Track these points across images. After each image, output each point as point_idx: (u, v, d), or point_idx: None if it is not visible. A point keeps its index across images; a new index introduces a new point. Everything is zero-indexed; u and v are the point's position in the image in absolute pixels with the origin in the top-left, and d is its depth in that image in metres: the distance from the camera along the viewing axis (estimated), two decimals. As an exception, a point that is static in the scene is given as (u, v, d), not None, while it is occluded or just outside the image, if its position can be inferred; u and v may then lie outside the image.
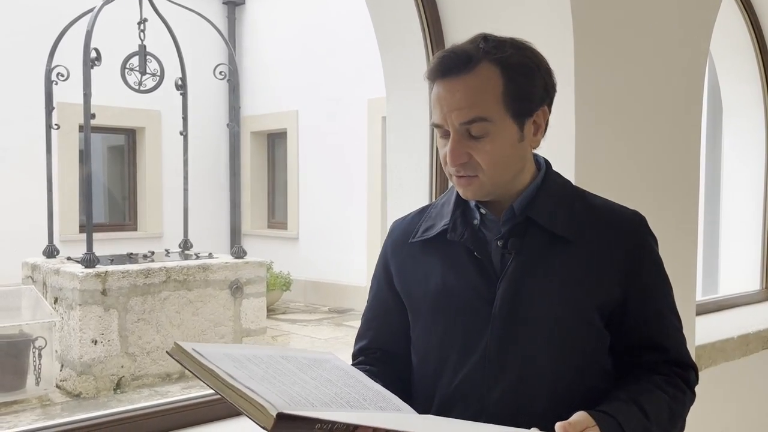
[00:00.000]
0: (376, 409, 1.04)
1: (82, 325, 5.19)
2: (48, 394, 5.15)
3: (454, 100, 1.12)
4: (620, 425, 1.07)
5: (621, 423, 1.07)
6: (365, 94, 8.10)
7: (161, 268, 5.66)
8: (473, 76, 1.12)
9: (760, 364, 3.10)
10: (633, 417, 1.10)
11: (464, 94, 1.11)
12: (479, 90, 1.12)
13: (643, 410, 1.11)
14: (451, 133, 1.13)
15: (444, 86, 1.13)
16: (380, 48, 2.27)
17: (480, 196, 1.18)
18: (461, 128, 1.12)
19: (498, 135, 1.13)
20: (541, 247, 1.17)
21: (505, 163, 1.15)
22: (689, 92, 2.37)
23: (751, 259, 3.64)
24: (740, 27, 3.45)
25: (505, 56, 1.13)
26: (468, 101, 1.11)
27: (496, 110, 1.12)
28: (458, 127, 1.12)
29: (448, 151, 1.14)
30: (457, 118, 1.12)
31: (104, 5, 5.76)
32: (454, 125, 1.12)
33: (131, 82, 6.06)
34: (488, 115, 1.12)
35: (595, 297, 1.17)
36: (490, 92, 1.12)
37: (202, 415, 1.81)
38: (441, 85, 1.13)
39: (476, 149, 1.12)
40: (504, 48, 1.14)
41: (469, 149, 1.13)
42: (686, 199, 2.38)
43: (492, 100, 1.12)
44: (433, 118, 1.16)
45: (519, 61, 1.14)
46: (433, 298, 1.22)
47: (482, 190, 1.16)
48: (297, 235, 9.31)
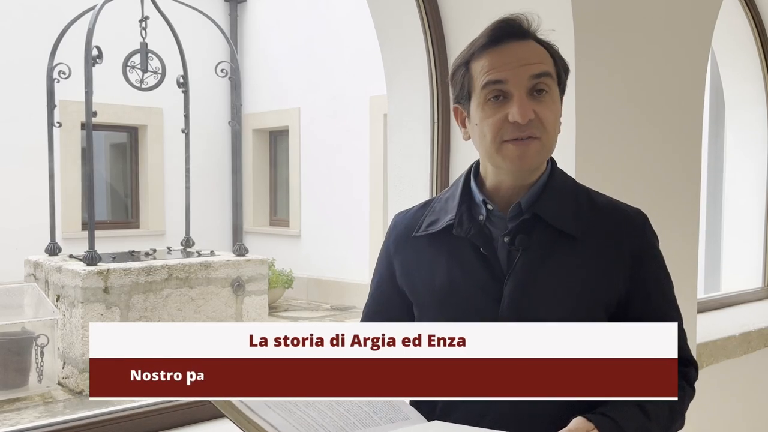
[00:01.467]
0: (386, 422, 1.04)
1: (84, 323, 5.19)
2: (50, 392, 5.16)
3: (523, 56, 1.15)
4: (619, 426, 1.07)
5: (620, 423, 1.07)
6: (367, 91, 8.09)
7: (163, 265, 5.66)
8: (532, 44, 1.17)
9: (761, 362, 3.10)
10: (632, 417, 1.09)
11: (531, 52, 1.16)
12: (541, 52, 1.17)
13: (643, 409, 1.11)
14: (517, 90, 1.13)
15: (506, 48, 1.15)
16: (381, 46, 2.27)
17: (535, 164, 1.17)
18: (530, 83, 1.13)
19: (555, 97, 1.18)
20: (547, 244, 1.17)
21: (556, 130, 1.18)
22: (691, 88, 2.36)
23: (754, 256, 3.64)
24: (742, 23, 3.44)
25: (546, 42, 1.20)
26: (536, 57, 1.15)
27: (553, 75, 1.17)
28: (527, 82, 1.13)
29: (517, 107, 1.12)
30: (526, 71, 1.14)
31: (105, 3, 5.76)
32: (522, 80, 1.13)
33: (133, 80, 6.06)
34: (552, 72, 1.16)
35: (601, 294, 1.17)
36: (546, 57, 1.17)
37: (204, 412, 1.81)
38: (500, 50, 1.15)
39: (541, 107, 1.14)
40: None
41: (534, 107, 1.13)
42: (688, 196, 2.38)
43: (549, 64, 1.17)
44: (491, 77, 1.14)
45: (555, 50, 1.21)
46: (438, 294, 1.21)
47: (539, 156, 1.16)
48: (299, 233, 9.32)
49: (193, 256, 6.26)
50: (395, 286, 1.28)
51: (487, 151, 1.17)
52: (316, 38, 8.84)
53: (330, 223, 8.84)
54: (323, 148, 8.92)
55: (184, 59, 6.37)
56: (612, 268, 1.18)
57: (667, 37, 2.24)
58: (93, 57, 5.55)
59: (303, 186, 9.23)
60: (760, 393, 3.18)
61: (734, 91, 3.67)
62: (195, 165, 7.01)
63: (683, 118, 2.34)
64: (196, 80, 6.90)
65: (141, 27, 5.95)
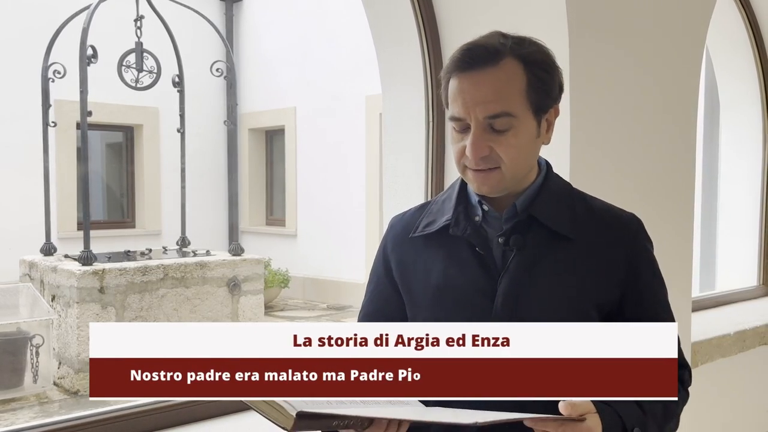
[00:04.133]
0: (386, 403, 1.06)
1: (79, 323, 5.18)
2: (46, 392, 5.15)
3: (480, 93, 1.12)
4: (619, 416, 1.08)
5: (620, 413, 1.09)
6: (363, 90, 8.09)
7: (159, 265, 5.66)
8: (499, 70, 1.12)
9: (756, 360, 3.11)
10: (630, 409, 1.11)
11: (490, 88, 1.11)
12: (505, 84, 1.12)
13: (638, 403, 1.13)
14: (473, 127, 1.12)
15: (468, 79, 1.13)
16: (376, 46, 2.28)
17: (498, 191, 1.18)
18: (485, 122, 1.12)
19: (520, 129, 1.13)
20: (542, 244, 1.18)
21: (524, 158, 1.16)
22: (685, 89, 2.37)
23: (748, 255, 3.65)
24: (737, 24, 3.45)
25: (527, 52, 1.14)
26: (494, 95, 1.11)
27: (519, 105, 1.13)
28: (482, 121, 1.12)
29: (469, 145, 1.13)
30: (482, 111, 1.12)
31: (100, 2, 5.75)
32: (477, 119, 1.12)
33: (128, 80, 6.05)
34: (512, 110, 1.12)
35: (594, 296, 1.18)
36: (515, 87, 1.12)
37: (199, 412, 1.82)
38: (465, 78, 1.13)
39: (498, 142, 1.12)
40: (525, 44, 1.15)
41: (491, 142, 1.13)
42: (682, 196, 2.39)
43: (516, 95, 1.12)
44: (452, 112, 1.15)
45: (540, 58, 1.15)
46: (433, 292, 1.22)
47: (501, 184, 1.16)
48: (295, 232, 9.31)
49: (188, 255, 6.25)
50: (393, 286, 1.29)
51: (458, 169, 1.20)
52: (311, 38, 8.83)
53: (326, 223, 8.84)
54: (319, 148, 8.92)
55: (179, 59, 6.36)
56: (605, 271, 1.19)
57: (661, 39, 2.24)
58: (88, 56, 5.53)
59: (299, 185, 9.23)
60: (755, 391, 3.19)
61: (729, 91, 3.68)
62: (191, 164, 7.00)
63: (678, 119, 2.34)
64: (192, 80, 6.89)
65: (136, 26, 5.94)
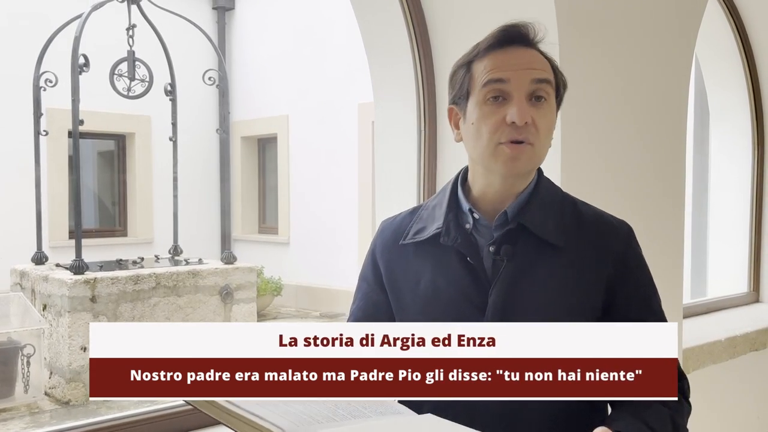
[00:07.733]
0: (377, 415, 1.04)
1: (71, 332, 5.16)
2: (37, 402, 5.11)
3: (526, 60, 1.16)
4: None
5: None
6: (355, 98, 8.10)
7: (151, 274, 5.63)
8: (535, 52, 1.18)
9: (747, 367, 3.12)
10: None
11: (535, 57, 1.17)
12: (543, 61, 1.18)
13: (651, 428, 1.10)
14: (517, 94, 1.14)
15: (511, 51, 1.16)
16: (368, 54, 2.28)
17: (525, 170, 1.18)
18: (530, 87, 1.14)
19: (551, 106, 1.18)
20: (532, 254, 1.17)
21: (549, 140, 1.19)
22: (675, 96, 2.38)
23: (739, 261, 3.66)
24: (726, 33, 3.48)
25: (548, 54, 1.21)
26: (539, 64, 1.17)
27: (553, 85, 1.18)
28: (528, 86, 1.14)
29: (517, 109, 1.13)
30: (530, 74, 1.15)
31: (93, 11, 5.75)
32: (523, 83, 1.14)
33: (120, 88, 6.04)
34: (552, 82, 1.18)
35: (584, 304, 1.17)
36: (548, 66, 1.19)
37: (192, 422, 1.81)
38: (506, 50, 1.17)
39: (536, 114, 1.15)
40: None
41: (531, 113, 1.14)
42: (672, 203, 2.40)
43: (549, 74, 1.18)
44: (493, 75, 1.15)
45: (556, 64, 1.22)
46: (422, 301, 1.21)
47: (531, 163, 1.17)
48: (288, 240, 9.30)
49: (181, 264, 6.23)
50: (383, 292, 1.28)
51: (481, 152, 1.17)
52: (304, 46, 8.85)
53: (319, 231, 8.83)
54: (312, 156, 8.92)
55: (171, 67, 6.36)
56: (595, 279, 1.18)
57: (650, 46, 2.26)
58: (80, 65, 5.53)
59: (292, 193, 9.22)
60: (746, 397, 3.20)
61: (718, 99, 3.70)
62: (183, 173, 6.98)
63: (667, 126, 2.36)
64: (184, 88, 6.89)
65: (128, 35, 5.93)
